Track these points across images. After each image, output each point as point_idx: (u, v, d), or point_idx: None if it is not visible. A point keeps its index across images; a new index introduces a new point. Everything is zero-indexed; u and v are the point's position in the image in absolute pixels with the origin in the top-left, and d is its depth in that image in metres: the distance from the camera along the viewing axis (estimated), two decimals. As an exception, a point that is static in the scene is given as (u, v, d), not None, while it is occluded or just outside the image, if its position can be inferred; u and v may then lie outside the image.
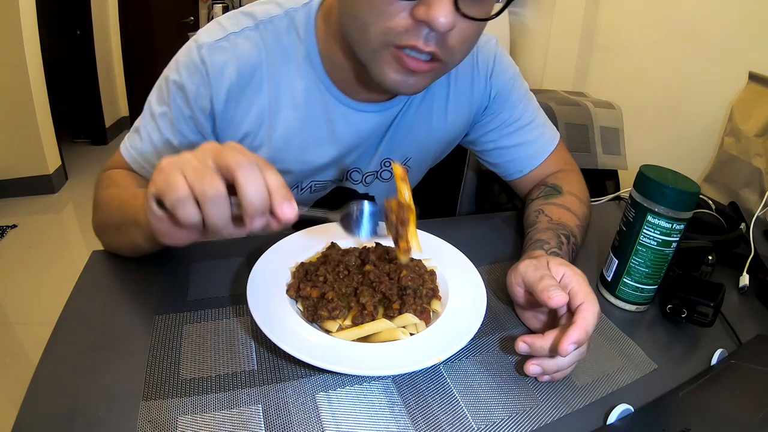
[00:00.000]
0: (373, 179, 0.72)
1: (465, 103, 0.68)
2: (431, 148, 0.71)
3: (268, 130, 0.59)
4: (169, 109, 0.57)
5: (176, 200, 0.34)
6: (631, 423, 0.40)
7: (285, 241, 0.56)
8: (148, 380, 0.41)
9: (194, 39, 0.56)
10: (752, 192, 1.20)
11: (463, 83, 0.67)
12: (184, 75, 0.55)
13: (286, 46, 0.57)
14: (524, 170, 0.73)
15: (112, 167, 0.62)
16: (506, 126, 0.71)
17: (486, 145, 0.73)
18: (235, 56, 0.55)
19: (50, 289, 1.76)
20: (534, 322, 0.51)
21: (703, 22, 1.43)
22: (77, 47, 2.96)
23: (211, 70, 0.54)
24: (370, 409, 0.40)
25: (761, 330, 0.55)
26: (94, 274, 0.55)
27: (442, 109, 0.67)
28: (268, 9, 0.57)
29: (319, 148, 0.62)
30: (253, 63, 0.56)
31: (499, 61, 0.69)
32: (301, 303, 0.47)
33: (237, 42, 0.55)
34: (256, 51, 0.56)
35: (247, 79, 0.56)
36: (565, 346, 0.39)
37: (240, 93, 0.56)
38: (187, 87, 0.55)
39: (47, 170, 2.46)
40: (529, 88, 0.74)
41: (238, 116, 0.58)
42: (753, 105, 1.26)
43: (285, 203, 0.35)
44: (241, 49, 0.55)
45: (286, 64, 0.57)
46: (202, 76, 0.55)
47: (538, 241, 0.56)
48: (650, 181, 0.51)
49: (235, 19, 0.57)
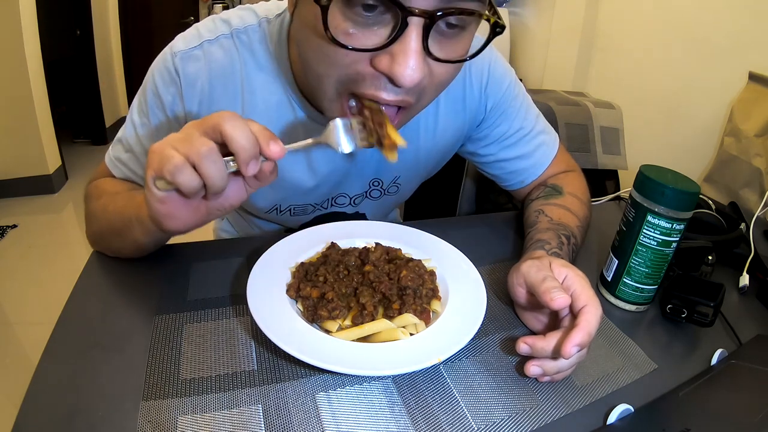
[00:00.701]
0: (362, 199, 0.70)
1: (457, 118, 0.64)
2: (420, 166, 0.68)
3: None
4: (148, 120, 0.56)
5: (174, 168, 0.35)
6: (631, 423, 0.40)
7: (285, 241, 0.56)
8: (148, 380, 0.41)
9: (170, 45, 0.54)
10: (752, 192, 1.20)
11: (455, 98, 0.63)
12: (160, 84, 0.54)
13: (259, 58, 0.55)
14: (526, 180, 0.72)
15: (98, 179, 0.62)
16: (505, 138, 0.68)
17: (486, 157, 0.71)
18: (207, 66, 0.53)
19: (50, 289, 1.76)
20: (534, 322, 0.51)
21: (703, 22, 1.43)
22: (77, 47, 2.96)
23: (183, 80, 0.53)
24: (370, 409, 0.40)
25: (761, 330, 0.55)
26: (94, 274, 0.55)
27: (430, 128, 0.63)
28: (245, 17, 0.55)
29: (293, 166, 0.60)
30: (226, 73, 0.54)
31: (493, 70, 0.64)
32: (301, 303, 0.47)
33: (211, 50, 0.53)
34: (229, 60, 0.54)
35: (221, 90, 0.54)
36: (568, 348, 0.39)
37: (212, 103, 0.55)
38: (162, 96, 0.54)
39: (47, 170, 2.46)
40: (529, 89, 0.72)
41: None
42: (753, 105, 1.26)
43: (271, 142, 0.37)
44: (214, 58, 0.53)
45: (259, 76, 0.55)
46: (176, 85, 0.54)
47: (539, 241, 0.56)
48: (650, 181, 0.51)
49: (212, 24, 0.55)
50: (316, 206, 0.68)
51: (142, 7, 3.28)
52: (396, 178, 0.68)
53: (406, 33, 0.36)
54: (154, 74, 0.55)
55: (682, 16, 1.50)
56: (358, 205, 0.71)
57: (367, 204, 0.72)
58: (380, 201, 0.72)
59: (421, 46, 0.37)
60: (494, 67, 0.64)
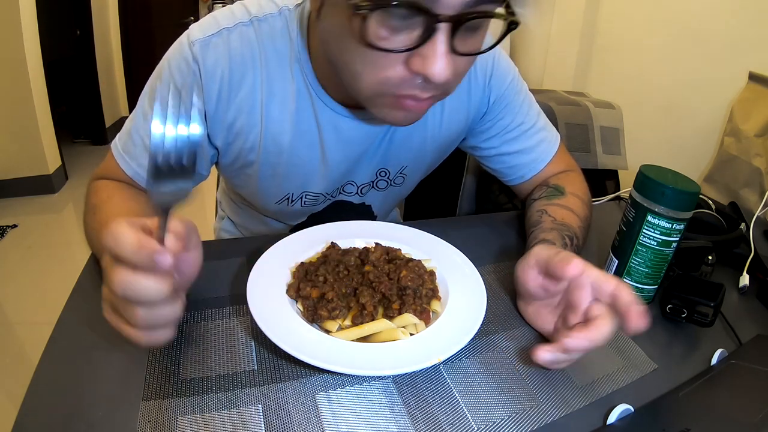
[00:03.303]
0: (369, 189, 0.71)
1: (461, 109, 0.66)
2: (426, 156, 0.70)
3: (260, 131, 0.58)
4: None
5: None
6: (631, 423, 0.40)
7: (285, 241, 0.56)
8: (148, 380, 0.41)
9: (186, 34, 0.54)
10: (752, 192, 1.20)
11: (460, 90, 0.65)
12: (176, 73, 0.53)
13: (278, 46, 0.55)
14: (526, 176, 0.72)
15: (104, 174, 0.60)
16: (507, 132, 0.69)
17: (487, 151, 0.72)
18: (227, 54, 0.53)
19: (50, 289, 1.76)
20: (537, 318, 0.50)
21: (703, 22, 1.43)
22: (77, 47, 2.97)
23: (202, 69, 0.53)
24: (370, 409, 0.40)
25: (761, 330, 0.55)
26: (94, 274, 0.55)
27: (437, 116, 0.65)
28: (264, 5, 0.55)
29: (308, 153, 0.61)
30: (246, 61, 0.54)
31: (497, 64, 0.66)
32: (301, 303, 0.47)
33: (230, 38, 0.53)
34: (249, 49, 0.54)
35: (240, 78, 0.54)
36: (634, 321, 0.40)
37: (231, 93, 0.55)
38: (179, 85, 0.53)
39: (47, 170, 2.46)
40: (529, 89, 0.73)
41: (229, 116, 0.56)
42: (753, 105, 1.26)
43: (156, 258, 0.33)
44: (234, 46, 0.53)
45: (279, 64, 0.55)
46: (194, 74, 0.53)
47: (543, 241, 0.55)
48: (650, 181, 0.51)
49: (230, 12, 0.54)
50: (326, 195, 0.68)
51: (142, 7, 3.28)
52: (403, 167, 0.69)
53: (435, 36, 0.39)
54: (170, 64, 0.54)
55: (682, 16, 1.50)
56: (365, 195, 0.72)
57: (373, 195, 0.72)
58: (386, 192, 0.72)
59: (449, 47, 0.40)
60: (498, 61, 0.66)
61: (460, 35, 0.40)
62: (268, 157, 0.60)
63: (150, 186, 0.33)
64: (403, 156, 0.67)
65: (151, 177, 0.33)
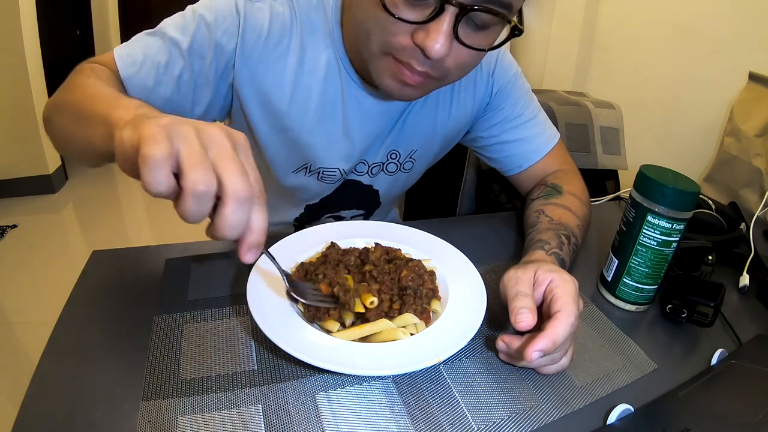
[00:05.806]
0: (379, 171, 0.72)
1: (468, 99, 0.70)
2: (435, 142, 0.72)
3: (290, 94, 0.60)
4: (186, 39, 0.55)
5: (152, 163, 0.29)
6: (631, 423, 0.40)
7: (285, 241, 0.56)
8: (148, 380, 0.41)
9: None
10: (752, 192, 1.20)
11: (467, 80, 0.68)
12: (218, 17, 0.55)
13: (313, 19, 0.59)
14: (523, 165, 0.73)
15: (99, 63, 0.56)
16: (508, 121, 0.72)
17: (487, 140, 0.74)
18: (269, 18, 0.57)
19: (50, 289, 1.76)
20: None
21: (703, 22, 1.43)
22: (77, 47, 2.97)
23: (247, 23, 0.56)
24: (370, 409, 0.40)
25: (761, 330, 0.55)
26: (94, 274, 0.55)
27: (446, 104, 0.69)
28: None
29: (331, 124, 0.63)
30: (284, 29, 0.58)
31: (501, 59, 0.70)
32: (301, 303, 0.47)
33: (274, 5, 0.57)
34: (289, 17, 0.58)
35: (275, 44, 0.58)
36: (530, 352, 0.40)
37: (265, 52, 0.58)
38: (213, 28, 0.55)
39: (47, 170, 2.46)
40: (530, 89, 0.74)
41: (259, 73, 0.59)
42: (753, 105, 1.26)
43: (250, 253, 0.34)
44: (276, 12, 0.57)
45: (312, 35, 0.59)
46: (235, 25, 0.56)
47: (539, 242, 0.56)
48: (650, 181, 0.51)
49: None
50: (342, 172, 0.69)
51: (142, 7, 3.28)
52: (413, 151, 0.71)
53: (441, 16, 0.44)
54: (212, 6, 0.55)
55: (682, 16, 1.50)
56: (375, 177, 0.73)
57: (382, 179, 0.74)
58: (394, 177, 0.74)
59: (451, 29, 0.44)
60: (502, 57, 0.71)
61: (465, 25, 0.45)
62: (292, 122, 0.62)
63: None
64: (414, 139, 0.70)
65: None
